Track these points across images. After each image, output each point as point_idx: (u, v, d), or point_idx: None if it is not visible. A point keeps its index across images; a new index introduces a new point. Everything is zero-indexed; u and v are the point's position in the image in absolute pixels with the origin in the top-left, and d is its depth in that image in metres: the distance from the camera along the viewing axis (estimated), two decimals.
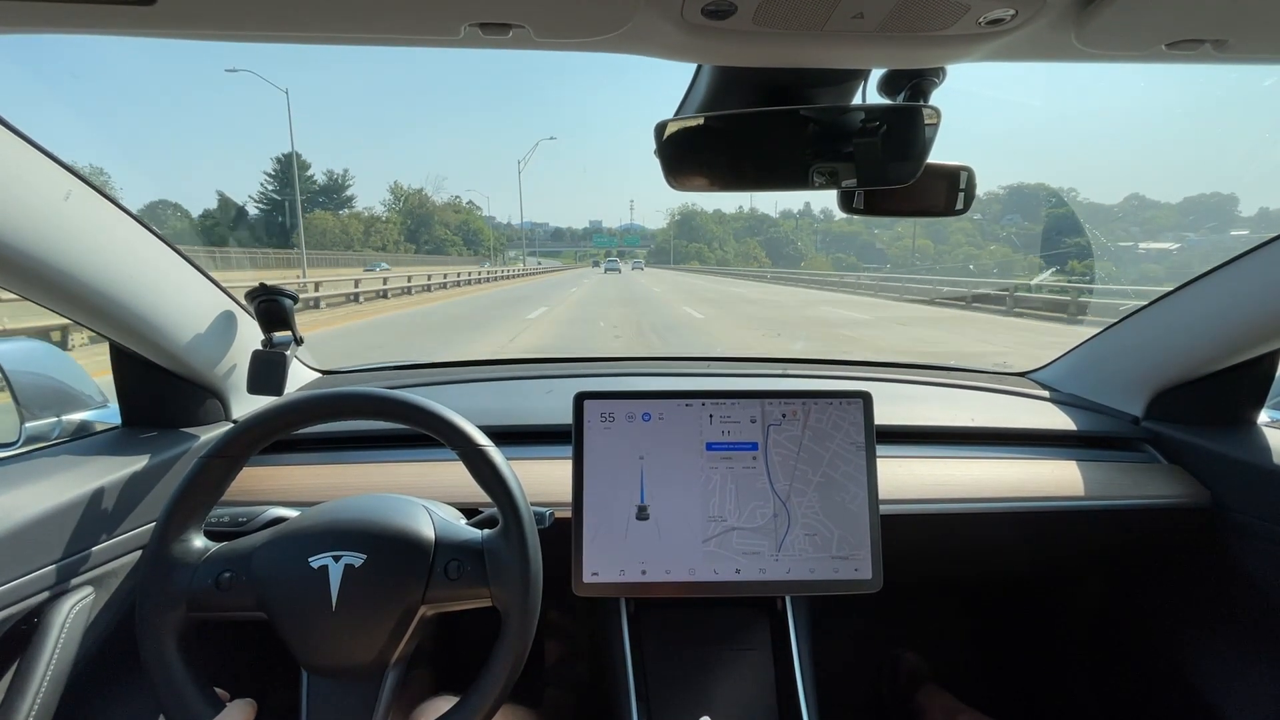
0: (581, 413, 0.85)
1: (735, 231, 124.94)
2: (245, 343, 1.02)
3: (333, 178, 72.99)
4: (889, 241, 56.95)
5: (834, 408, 0.86)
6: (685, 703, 0.86)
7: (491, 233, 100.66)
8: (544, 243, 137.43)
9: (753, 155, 0.73)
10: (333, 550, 0.64)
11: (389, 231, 74.00)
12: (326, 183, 72.22)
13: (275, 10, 0.48)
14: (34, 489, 0.75)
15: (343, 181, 72.94)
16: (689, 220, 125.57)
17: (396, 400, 0.68)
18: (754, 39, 0.54)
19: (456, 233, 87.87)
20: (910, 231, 59.36)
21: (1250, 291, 0.93)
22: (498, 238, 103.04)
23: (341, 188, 72.14)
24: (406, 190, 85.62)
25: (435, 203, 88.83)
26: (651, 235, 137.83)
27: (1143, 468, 1.08)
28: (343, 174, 74.53)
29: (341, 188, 72.14)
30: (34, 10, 0.46)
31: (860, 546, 0.83)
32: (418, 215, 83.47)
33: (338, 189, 71.84)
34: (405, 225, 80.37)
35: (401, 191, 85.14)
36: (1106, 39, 0.53)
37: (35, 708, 0.70)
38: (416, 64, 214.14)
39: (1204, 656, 1.06)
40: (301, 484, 0.96)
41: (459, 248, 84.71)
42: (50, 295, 0.74)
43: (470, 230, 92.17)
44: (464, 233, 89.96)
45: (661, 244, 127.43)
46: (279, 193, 59.48)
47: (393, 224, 76.14)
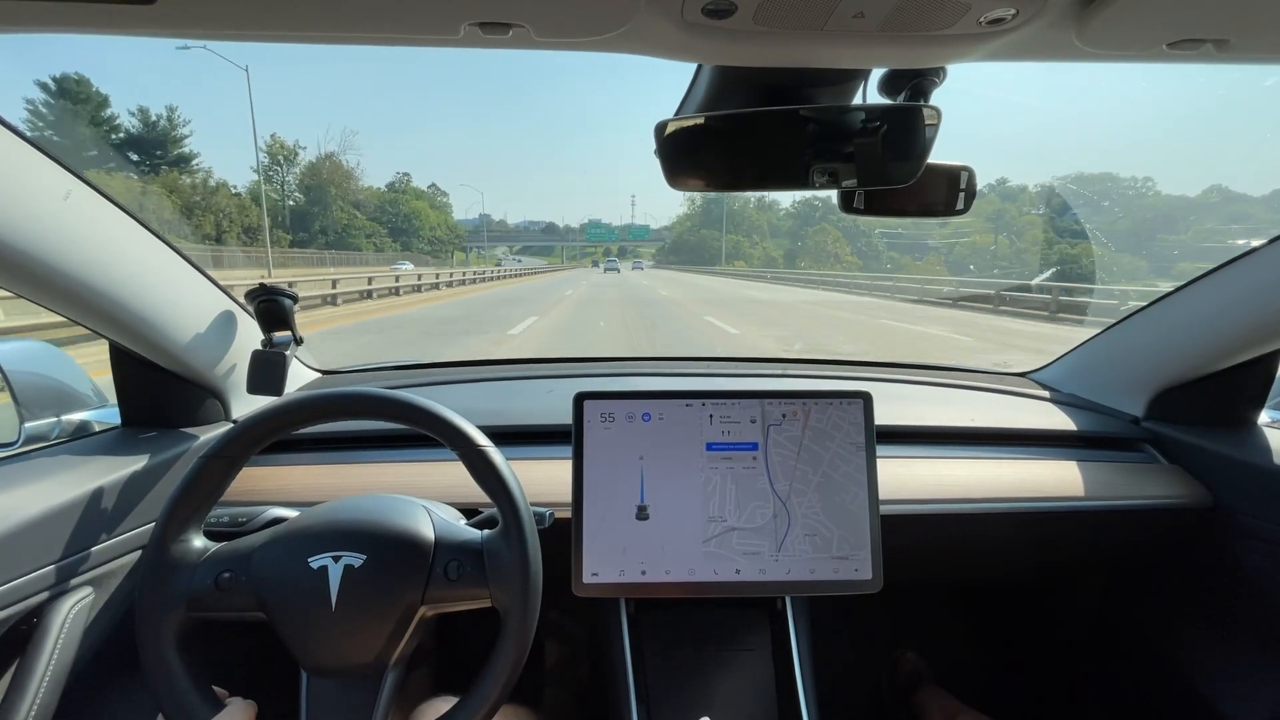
0: (581, 413, 0.85)
1: (783, 220, 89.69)
2: (245, 343, 1.02)
3: (150, 121, 41.05)
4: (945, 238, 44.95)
5: (834, 408, 0.86)
6: (685, 703, 0.85)
7: (438, 218, 70.42)
8: (535, 238, 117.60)
9: (753, 155, 0.73)
10: (332, 550, 0.64)
11: (239, 213, 39.21)
12: (141, 130, 40.74)
13: (275, 10, 0.48)
14: (34, 489, 0.75)
15: (170, 127, 41.24)
16: (718, 207, 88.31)
17: (396, 400, 0.68)
18: (754, 39, 0.54)
19: (378, 217, 60.04)
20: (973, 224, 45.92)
21: (1250, 292, 0.93)
22: (449, 230, 73.35)
23: (168, 138, 40.74)
24: (291, 148, 53.25)
25: (351, 172, 58.14)
26: (665, 230, 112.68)
27: (1143, 468, 1.08)
28: (168, 116, 41.82)
29: (168, 138, 40.74)
30: (34, 10, 0.46)
31: (860, 547, 0.83)
32: (311, 188, 53.77)
33: (161, 140, 40.64)
34: (285, 202, 52.26)
35: (283, 150, 52.62)
36: (1107, 39, 0.53)
37: (35, 707, 0.70)
38: (411, 57, 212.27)
39: (1204, 656, 1.06)
40: (301, 484, 0.96)
41: (382, 239, 58.26)
42: (50, 295, 0.74)
43: (400, 215, 63.26)
44: (392, 218, 62.22)
45: (680, 236, 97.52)
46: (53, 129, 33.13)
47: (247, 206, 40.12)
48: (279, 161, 53.11)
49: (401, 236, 63.20)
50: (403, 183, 71.53)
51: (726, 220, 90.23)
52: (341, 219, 54.48)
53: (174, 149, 41.24)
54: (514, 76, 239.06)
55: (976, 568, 1.22)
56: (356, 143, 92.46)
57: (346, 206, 55.95)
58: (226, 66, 77.84)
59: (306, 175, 55.05)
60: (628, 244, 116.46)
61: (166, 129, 41.64)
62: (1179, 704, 1.08)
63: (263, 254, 28.28)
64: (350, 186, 58.22)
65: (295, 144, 55.49)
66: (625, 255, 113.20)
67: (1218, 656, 1.04)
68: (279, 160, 53.02)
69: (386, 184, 69.84)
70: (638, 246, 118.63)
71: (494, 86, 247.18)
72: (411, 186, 71.89)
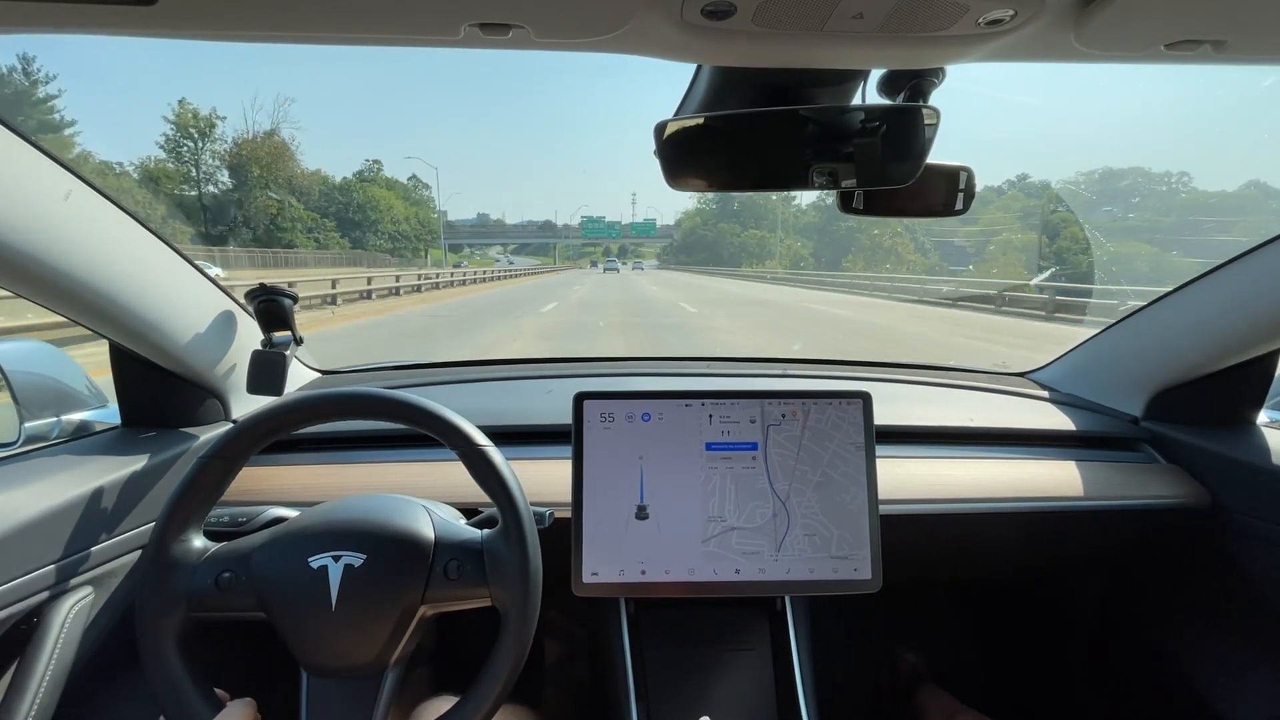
0: (581, 413, 0.85)
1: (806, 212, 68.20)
2: (245, 343, 1.02)
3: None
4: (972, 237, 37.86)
5: (833, 408, 0.86)
6: (685, 703, 0.86)
7: (407, 211, 57.21)
8: (534, 234, 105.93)
9: (752, 155, 0.73)
10: (332, 550, 0.64)
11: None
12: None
13: (276, 11, 0.48)
14: (34, 489, 0.75)
15: (28, 84, 30.96)
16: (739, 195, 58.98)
17: (396, 400, 0.68)
18: (754, 39, 0.54)
19: (324, 207, 46.90)
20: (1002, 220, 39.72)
21: (1249, 292, 0.93)
22: (420, 225, 59.67)
23: (24, 99, 30.60)
24: (208, 119, 40.81)
25: (284, 149, 44.40)
26: (673, 227, 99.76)
27: (1142, 468, 1.08)
28: (24, 69, 31.06)
29: (24, 99, 30.60)
30: (34, 10, 0.46)
31: (860, 546, 0.84)
32: (236, 170, 41.31)
33: (13, 102, 31.11)
34: (202, 188, 39.93)
35: (196, 120, 40.42)
36: (1105, 40, 0.53)
37: (35, 707, 0.70)
38: (409, 54, 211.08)
39: (1203, 656, 1.06)
40: (301, 484, 0.96)
41: (327, 234, 45.30)
42: (50, 295, 0.74)
43: (354, 205, 50.15)
44: (341, 208, 49.10)
45: (694, 230, 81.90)
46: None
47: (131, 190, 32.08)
48: (190, 135, 40.04)
49: (353, 230, 50.40)
50: (372, 171, 60.63)
51: (747, 212, 72.63)
52: (269, 208, 40.76)
53: (33, 113, 30.07)
54: (515, 74, 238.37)
55: (976, 567, 1.22)
56: (294, 114, 77.47)
57: (280, 192, 42.35)
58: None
59: (233, 154, 41.91)
60: (631, 241, 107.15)
61: (22, 87, 30.25)
62: (1177, 703, 1.09)
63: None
64: (283, 168, 43.96)
65: (212, 113, 41.57)
66: (625, 255, 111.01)
67: (1217, 656, 1.04)
68: (190, 134, 40.00)
69: (354, 173, 58.78)
70: (641, 245, 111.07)
71: (493, 84, 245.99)
72: (382, 175, 60.67)
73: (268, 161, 43.06)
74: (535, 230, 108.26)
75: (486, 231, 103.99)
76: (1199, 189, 44.31)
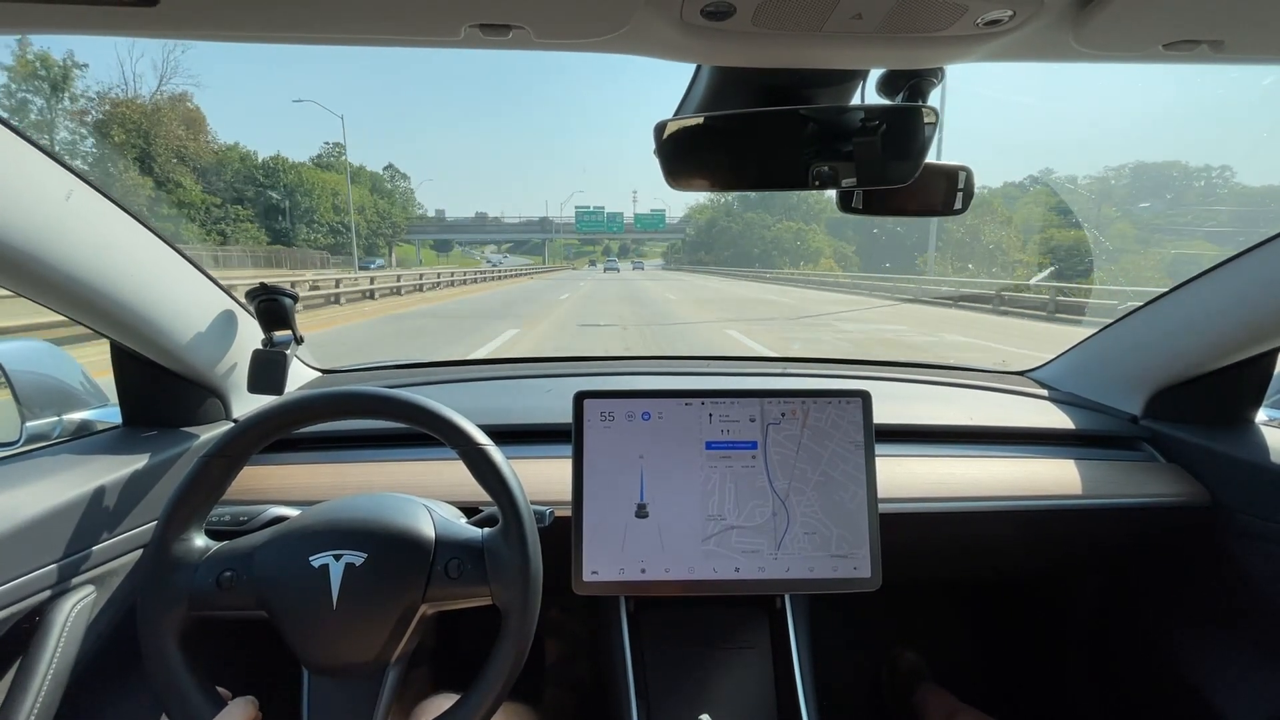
0: (581, 412, 0.85)
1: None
2: (245, 342, 1.02)
3: None
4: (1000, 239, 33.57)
5: (833, 407, 0.86)
6: (685, 701, 0.86)
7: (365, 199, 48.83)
8: (533, 230, 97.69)
9: (752, 155, 0.73)
10: (333, 549, 0.65)
11: None
12: None
13: (276, 11, 0.48)
14: (35, 488, 0.75)
15: None
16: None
17: (397, 399, 0.68)
18: (753, 39, 0.54)
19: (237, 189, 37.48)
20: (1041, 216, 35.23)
21: (1249, 290, 0.93)
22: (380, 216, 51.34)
23: None
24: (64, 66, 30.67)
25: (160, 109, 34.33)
26: (685, 220, 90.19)
27: (1141, 467, 1.08)
28: None
29: None
30: (34, 11, 0.46)
31: (859, 545, 0.84)
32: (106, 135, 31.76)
33: None
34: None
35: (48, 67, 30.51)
36: (1104, 40, 0.53)
37: (37, 707, 0.71)
38: (407, 54, 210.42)
39: (1202, 655, 1.06)
40: (302, 483, 0.96)
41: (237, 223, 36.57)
42: (51, 295, 0.74)
43: (282, 189, 40.20)
44: (262, 190, 39.11)
45: (713, 221, 71.31)
46: None
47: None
48: (38, 89, 30.34)
49: (281, 219, 40.38)
50: (333, 154, 51.15)
51: (775, 201, 59.79)
52: (139, 185, 30.25)
53: None
54: (512, 73, 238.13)
55: (975, 566, 1.23)
56: (187, 65, 59.59)
57: (165, 164, 31.59)
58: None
59: (103, 117, 31.28)
60: (636, 237, 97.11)
61: None
62: (1176, 701, 1.09)
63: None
64: (167, 135, 32.76)
65: (68, 60, 30.56)
66: (626, 254, 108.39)
67: (1216, 654, 1.05)
68: (39, 86, 30.32)
69: (310, 158, 49.96)
70: (644, 243, 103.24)
71: (493, 83, 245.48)
72: (342, 161, 49.09)
73: (142, 126, 32.05)
74: (534, 225, 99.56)
75: (477, 227, 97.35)
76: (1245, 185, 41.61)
